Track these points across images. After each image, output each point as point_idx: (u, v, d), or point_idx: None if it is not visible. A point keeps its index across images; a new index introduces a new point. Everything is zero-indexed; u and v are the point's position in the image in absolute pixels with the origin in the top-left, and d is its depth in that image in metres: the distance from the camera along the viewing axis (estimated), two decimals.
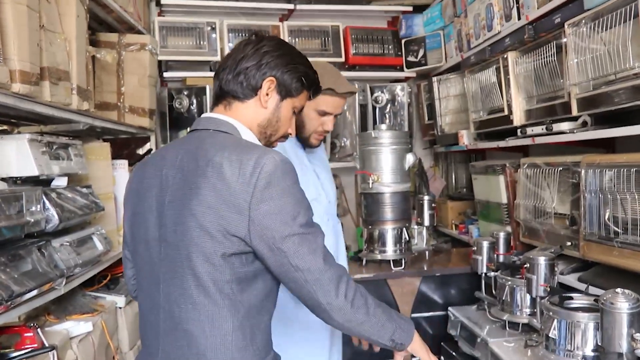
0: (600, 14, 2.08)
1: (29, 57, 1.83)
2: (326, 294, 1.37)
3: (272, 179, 1.35)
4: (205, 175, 1.36)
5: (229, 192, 1.34)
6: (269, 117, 1.57)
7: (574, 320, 1.95)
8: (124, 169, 3.07)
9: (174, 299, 1.41)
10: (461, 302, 2.94)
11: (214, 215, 1.34)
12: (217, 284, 1.37)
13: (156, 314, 1.46)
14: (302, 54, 1.65)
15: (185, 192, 1.39)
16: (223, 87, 1.56)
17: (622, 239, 2.03)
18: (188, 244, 1.37)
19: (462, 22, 3.56)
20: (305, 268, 1.36)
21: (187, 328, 1.40)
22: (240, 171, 1.34)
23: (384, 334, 1.48)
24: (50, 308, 2.26)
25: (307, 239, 1.37)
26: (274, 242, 1.35)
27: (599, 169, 2.14)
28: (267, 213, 1.34)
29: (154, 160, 1.55)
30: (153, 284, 1.47)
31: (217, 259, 1.36)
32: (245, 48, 1.55)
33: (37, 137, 2.09)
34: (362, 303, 1.43)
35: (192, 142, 1.49)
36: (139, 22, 3.50)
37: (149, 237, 1.48)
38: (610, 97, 2.08)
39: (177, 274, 1.40)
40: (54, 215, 2.04)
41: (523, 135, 2.73)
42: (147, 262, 1.49)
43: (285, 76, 1.55)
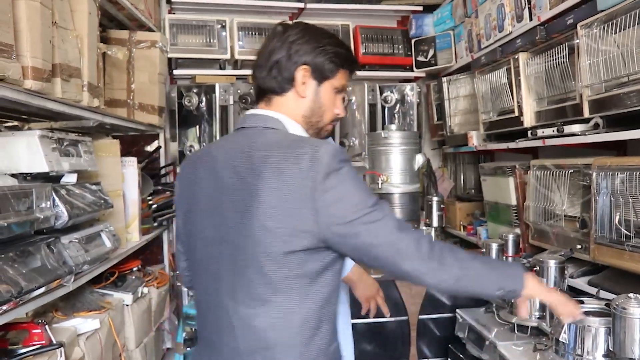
0: (613, 15, 2.06)
1: (41, 53, 1.83)
2: (410, 262, 1.37)
3: (329, 169, 1.35)
4: (263, 176, 1.37)
5: (289, 189, 1.34)
6: (311, 105, 1.56)
7: (584, 325, 1.93)
8: (133, 166, 3.07)
9: (240, 297, 1.42)
10: (469, 304, 2.92)
11: (278, 214, 1.35)
12: (286, 280, 1.38)
13: (218, 311, 1.48)
14: (330, 33, 1.62)
15: (245, 194, 1.39)
16: (261, 86, 1.57)
17: (633, 243, 2.01)
18: (253, 244, 1.38)
19: (473, 22, 3.55)
20: (382, 243, 1.36)
21: (255, 324, 1.41)
22: (297, 166, 1.35)
23: (488, 284, 1.46)
24: (58, 305, 2.26)
25: (375, 216, 1.36)
26: (344, 227, 1.35)
27: (611, 171, 2.13)
28: (331, 202, 1.34)
29: (205, 160, 1.55)
30: (213, 282, 1.49)
31: (285, 257, 1.37)
32: (272, 41, 1.55)
33: (48, 133, 2.09)
34: (453, 258, 1.41)
35: (242, 142, 1.49)
36: (149, 19, 3.51)
37: (207, 236, 1.49)
38: (622, 99, 2.06)
39: (242, 273, 1.41)
40: (64, 212, 2.04)
41: (533, 137, 2.71)
42: (205, 260, 1.51)
43: (317, 60, 1.54)
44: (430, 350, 3.03)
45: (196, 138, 3.99)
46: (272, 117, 1.52)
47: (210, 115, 3.94)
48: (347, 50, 1.63)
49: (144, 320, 2.92)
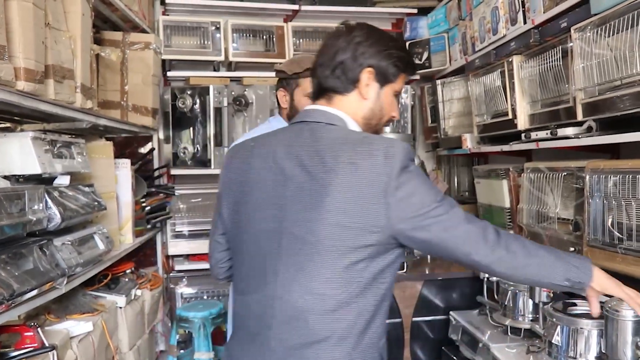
0: (606, 19, 2.07)
1: (34, 55, 1.82)
2: (479, 251, 1.42)
3: (402, 165, 1.38)
4: (336, 172, 1.39)
5: (363, 184, 1.37)
6: (372, 107, 1.58)
7: (577, 327, 1.94)
8: (127, 167, 3.06)
9: (297, 290, 1.42)
10: (463, 306, 2.92)
11: (351, 210, 1.38)
12: (349, 275, 1.40)
13: (268, 304, 1.47)
14: (393, 36, 1.65)
15: (314, 189, 1.41)
16: (323, 84, 1.57)
17: (625, 245, 2.02)
18: (322, 239, 1.40)
19: (467, 25, 3.56)
20: (451, 235, 1.41)
21: (311, 317, 1.41)
22: (371, 162, 1.38)
23: (554, 274, 1.48)
24: (50, 307, 2.25)
25: (443, 209, 1.41)
26: (415, 221, 1.39)
27: (604, 174, 2.13)
28: (403, 197, 1.38)
29: (260, 151, 1.55)
30: (266, 274, 1.48)
31: (352, 252, 1.39)
32: (338, 41, 1.56)
33: (41, 135, 2.08)
34: (519, 246, 1.45)
35: (306, 136, 1.49)
36: (143, 20, 3.50)
37: (263, 228, 1.49)
38: (615, 102, 2.07)
39: (303, 266, 1.42)
40: (56, 214, 2.03)
41: (527, 140, 2.72)
42: (258, 252, 1.50)
43: (382, 63, 1.55)
44: (423, 352, 3.03)
45: (190, 140, 3.98)
46: (335, 115, 1.54)
47: (204, 117, 3.93)
48: (409, 55, 1.66)
49: (137, 323, 2.91)
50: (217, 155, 3.88)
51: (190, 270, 4.05)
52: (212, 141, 3.90)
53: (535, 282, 1.54)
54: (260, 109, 4.03)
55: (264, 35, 4.08)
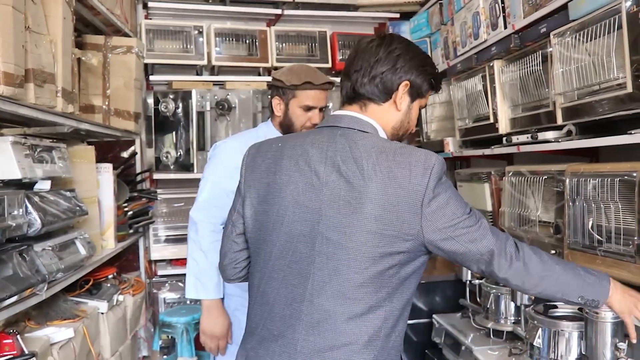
0: (585, 24, 2.10)
1: (13, 58, 1.80)
2: (499, 263, 1.48)
3: (438, 177, 1.44)
4: (375, 179, 1.43)
5: (401, 193, 1.42)
6: (402, 118, 1.63)
7: (558, 329, 1.95)
8: (109, 172, 3.04)
9: (329, 293, 1.45)
10: (446, 309, 2.94)
11: (386, 217, 1.42)
12: (380, 280, 1.44)
13: (295, 307, 1.49)
14: (428, 55, 1.69)
15: (352, 196, 1.44)
16: (357, 90, 1.59)
17: (605, 248, 2.04)
18: (358, 245, 1.43)
19: (449, 30, 3.58)
20: (477, 246, 1.46)
21: (341, 321, 1.44)
22: (411, 173, 1.42)
23: (569, 291, 1.54)
24: (30, 313, 2.23)
25: (472, 221, 1.47)
26: (446, 231, 1.44)
27: (583, 178, 2.16)
28: (438, 208, 1.43)
29: (290, 152, 1.56)
30: (295, 277, 1.49)
31: (385, 258, 1.43)
32: (378, 50, 1.58)
33: (21, 139, 2.06)
34: (537, 261, 1.51)
35: (341, 141, 1.51)
36: (125, 24, 3.48)
37: (294, 231, 1.50)
38: (594, 107, 2.10)
39: (337, 270, 1.45)
40: (36, 219, 2.01)
41: (508, 144, 2.74)
42: (286, 254, 1.51)
43: (418, 79, 1.61)
44: (407, 355, 3.03)
45: (173, 144, 3.96)
46: (369, 123, 1.57)
47: (187, 121, 3.92)
48: (440, 74, 1.72)
49: (120, 329, 2.88)
50: (200, 160, 3.87)
51: (173, 275, 4.03)
52: (195, 145, 3.90)
53: (549, 297, 1.58)
54: (243, 113, 4.02)
55: (247, 40, 4.09)
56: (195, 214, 2.39)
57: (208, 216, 2.34)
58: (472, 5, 3.14)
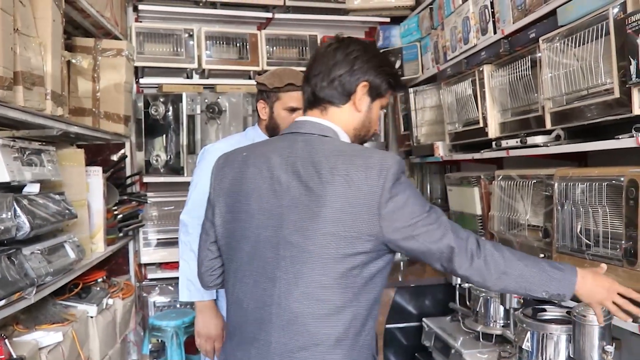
0: (573, 30, 2.12)
1: (2, 61, 1.80)
2: (460, 261, 1.49)
3: (396, 177, 1.46)
4: (333, 183, 1.46)
5: (358, 195, 1.44)
6: (363, 119, 1.65)
7: (546, 332, 1.97)
8: (98, 175, 3.03)
9: (296, 296, 1.48)
10: (435, 313, 2.95)
11: (345, 219, 1.44)
12: (345, 280, 1.47)
13: (266, 309, 1.52)
14: (386, 55, 1.73)
15: (311, 199, 1.47)
16: (317, 94, 1.62)
17: (593, 252, 2.06)
18: (319, 247, 1.46)
19: (439, 35, 3.60)
20: (437, 244, 1.48)
21: (309, 321, 1.47)
22: (367, 175, 1.45)
23: (533, 286, 1.54)
24: (19, 317, 2.21)
25: (431, 219, 1.49)
26: (406, 230, 1.46)
27: (572, 182, 2.17)
28: (396, 208, 1.45)
29: (255, 161, 1.60)
30: (264, 281, 1.53)
31: (347, 259, 1.46)
32: (336, 54, 1.62)
33: (9, 142, 2.05)
34: (499, 258, 1.52)
35: (301, 147, 1.55)
36: (115, 27, 3.48)
37: (260, 237, 1.54)
38: (582, 111, 2.12)
39: (302, 273, 1.48)
40: (25, 222, 1.99)
41: (498, 148, 2.76)
42: (256, 260, 1.55)
43: (376, 79, 1.64)
44: (397, 359, 3.04)
45: (163, 147, 3.96)
46: (328, 127, 1.60)
47: (177, 124, 3.91)
48: (399, 74, 1.70)
49: (109, 332, 2.87)
50: (190, 163, 3.86)
51: (162, 278, 4.02)
52: (185, 149, 3.89)
53: (514, 292, 1.60)
54: (233, 117, 4.02)
55: (238, 43, 4.08)
56: (185, 216, 2.41)
57: (198, 218, 2.34)
58: (462, 10, 3.16)
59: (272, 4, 4.17)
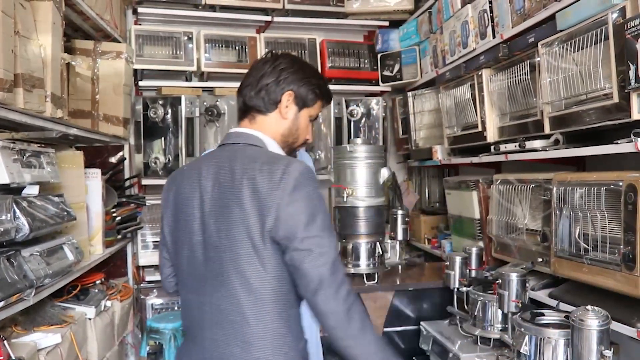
0: (572, 35, 2.13)
1: (2, 63, 1.80)
2: (325, 297, 1.52)
3: (296, 184, 1.53)
4: (242, 187, 1.55)
5: (262, 197, 1.53)
6: (290, 126, 1.77)
7: (544, 337, 1.97)
8: (97, 177, 3.02)
9: (220, 294, 1.59)
10: (433, 316, 2.95)
11: (252, 220, 1.53)
12: (259, 280, 1.55)
13: (201, 308, 1.64)
14: (314, 68, 1.85)
15: (225, 202, 1.58)
16: (247, 103, 1.75)
17: (591, 256, 2.06)
18: (232, 247, 1.56)
19: (438, 39, 3.61)
20: (313, 269, 1.51)
21: (233, 319, 1.57)
22: (270, 178, 1.54)
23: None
24: (17, 319, 2.21)
25: (321, 242, 1.53)
26: (294, 241, 1.52)
27: (570, 186, 2.18)
28: (291, 214, 1.52)
29: (189, 173, 1.72)
30: (198, 282, 1.65)
31: (259, 260, 1.54)
32: (264, 66, 1.75)
33: (9, 144, 2.05)
34: (358, 318, 1.55)
35: (225, 156, 1.66)
36: (115, 30, 3.48)
37: (193, 241, 1.65)
38: (581, 116, 2.13)
39: (223, 273, 1.58)
40: (24, 224, 1.99)
41: (496, 152, 2.77)
42: (192, 263, 1.67)
43: (302, 89, 1.75)
44: None
45: (161, 150, 3.96)
46: (254, 135, 1.72)
47: (176, 127, 3.92)
48: (327, 85, 1.86)
49: (107, 334, 2.87)
50: None
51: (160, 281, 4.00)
52: (184, 151, 3.89)
53: (351, 355, 1.56)
54: (232, 120, 4.02)
55: (237, 46, 4.09)
56: None
57: None
58: (461, 15, 3.17)
59: (272, 8, 4.18)
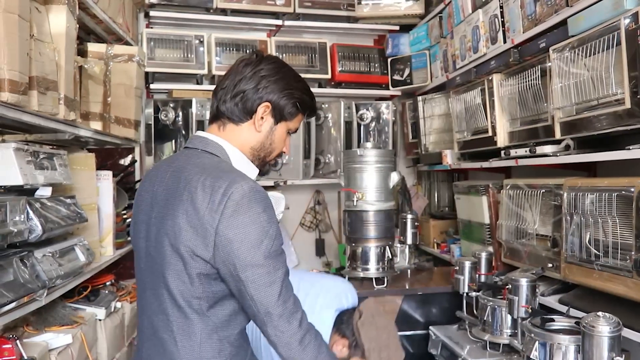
0: (584, 40, 2.13)
1: (18, 66, 1.81)
2: (275, 328, 1.42)
3: (238, 207, 1.39)
4: (182, 198, 1.43)
5: (197, 216, 1.40)
6: (262, 140, 1.61)
7: (555, 343, 1.96)
8: (108, 179, 3.04)
9: (153, 308, 1.51)
10: (442, 321, 2.94)
11: (183, 236, 1.41)
12: (187, 299, 1.45)
13: (142, 318, 1.58)
14: (299, 77, 1.67)
15: (164, 211, 1.48)
16: (220, 107, 1.59)
17: (602, 262, 2.06)
18: (163, 260, 1.46)
19: (448, 43, 3.61)
20: (258, 300, 1.40)
21: (162, 336, 1.49)
22: (210, 198, 1.39)
23: None
24: (29, 319, 2.23)
25: (265, 271, 1.40)
26: (234, 269, 1.39)
27: (581, 192, 2.18)
28: (230, 240, 1.38)
29: (150, 174, 1.64)
30: (142, 290, 1.58)
31: (186, 277, 1.43)
32: (245, 69, 1.58)
33: (23, 146, 2.07)
34: (313, 346, 1.45)
35: (179, 161, 1.56)
36: (127, 33, 3.50)
37: (140, 246, 1.58)
38: (592, 122, 2.12)
39: (155, 285, 1.50)
40: (37, 225, 2.01)
41: (506, 157, 2.76)
42: (138, 268, 1.60)
43: (281, 101, 1.58)
44: None
45: (172, 152, 3.97)
46: (215, 142, 1.57)
47: (186, 129, 3.94)
48: (312, 98, 1.68)
49: (117, 336, 2.88)
50: None
51: None
52: None
53: None
54: None
55: (247, 50, 4.11)
56: None
57: None
58: (472, 19, 3.17)
59: (282, 12, 4.20)
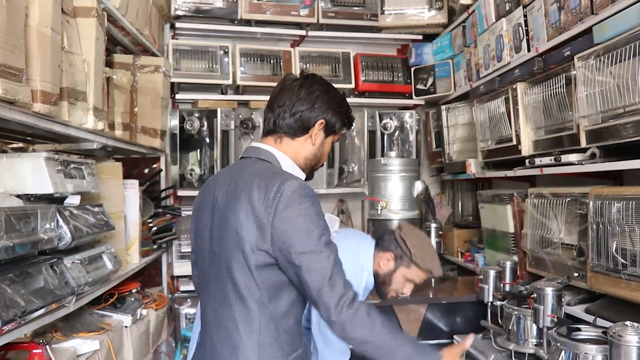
0: (610, 48, 2.11)
1: (50, 78, 1.87)
2: (327, 309, 1.57)
3: (290, 202, 1.58)
4: (240, 200, 1.63)
5: (255, 213, 1.59)
6: (315, 152, 1.82)
7: (582, 352, 1.94)
8: (135, 188, 3.09)
9: (218, 299, 1.70)
10: (467, 330, 2.92)
11: (244, 232, 1.60)
12: (249, 290, 1.62)
13: (206, 311, 1.76)
14: (343, 95, 1.91)
15: (226, 213, 1.66)
16: (278, 123, 1.78)
17: (629, 272, 2.03)
18: (227, 256, 1.64)
19: (472, 52, 3.61)
20: (311, 283, 1.57)
21: (226, 325, 1.67)
22: (265, 195, 1.59)
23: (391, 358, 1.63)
24: (57, 325, 2.27)
25: (318, 257, 1.57)
26: (289, 256, 1.57)
27: (607, 200, 2.16)
28: (285, 231, 1.57)
29: (209, 183, 1.83)
30: (206, 286, 1.77)
31: (249, 270, 1.61)
32: (300, 91, 1.78)
33: (53, 155, 2.11)
34: (368, 321, 1.59)
35: (236, 169, 1.77)
36: (153, 44, 3.56)
37: (204, 248, 1.76)
38: (618, 130, 2.11)
39: (220, 279, 1.68)
40: (67, 233, 2.06)
41: (531, 166, 2.75)
42: (202, 268, 1.79)
43: (333, 118, 1.81)
44: None
45: (197, 162, 4.02)
46: (267, 151, 1.78)
47: (211, 139, 3.98)
48: (352, 114, 1.91)
49: (142, 343, 2.91)
50: None
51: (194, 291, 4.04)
52: (219, 163, 3.94)
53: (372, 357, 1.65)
54: None
55: (272, 60, 4.15)
56: None
57: None
58: (496, 28, 3.17)
59: (306, 22, 4.23)
